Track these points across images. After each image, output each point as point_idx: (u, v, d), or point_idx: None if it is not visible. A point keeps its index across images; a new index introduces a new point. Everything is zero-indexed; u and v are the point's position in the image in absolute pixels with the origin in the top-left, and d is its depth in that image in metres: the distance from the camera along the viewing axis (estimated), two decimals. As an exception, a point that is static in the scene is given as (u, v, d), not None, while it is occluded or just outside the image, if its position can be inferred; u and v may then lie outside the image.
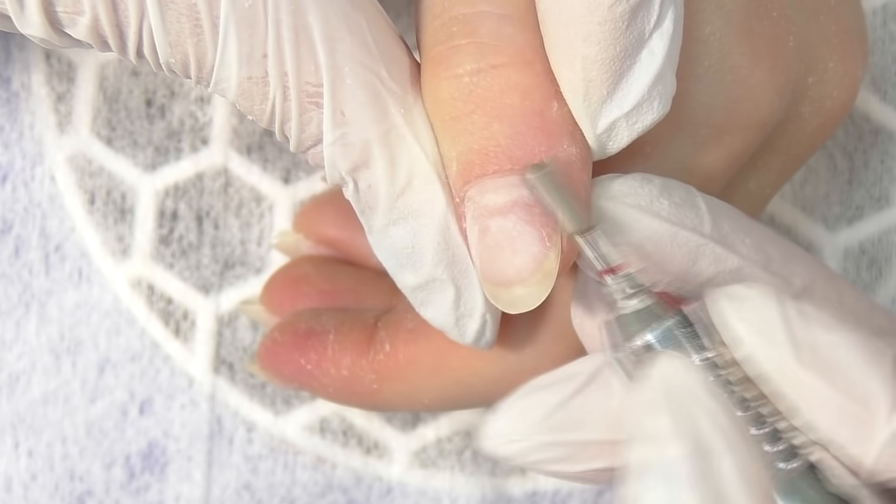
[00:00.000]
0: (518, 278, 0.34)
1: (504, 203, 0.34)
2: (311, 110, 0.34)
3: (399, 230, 0.35)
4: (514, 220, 0.34)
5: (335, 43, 0.34)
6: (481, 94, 0.34)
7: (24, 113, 0.46)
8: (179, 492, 0.46)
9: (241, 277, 0.47)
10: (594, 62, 0.34)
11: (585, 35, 0.33)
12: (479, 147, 0.34)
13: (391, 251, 0.36)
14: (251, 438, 0.47)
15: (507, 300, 0.34)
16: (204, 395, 0.47)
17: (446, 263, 0.35)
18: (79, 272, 0.46)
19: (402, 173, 0.35)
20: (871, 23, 0.48)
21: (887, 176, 0.48)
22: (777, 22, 0.38)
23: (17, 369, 0.46)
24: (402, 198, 0.35)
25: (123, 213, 0.47)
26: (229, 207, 0.47)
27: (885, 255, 0.48)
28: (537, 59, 0.34)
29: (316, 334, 0.42)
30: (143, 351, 0.46)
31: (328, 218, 0.46)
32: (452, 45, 0.34)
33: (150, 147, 0.47)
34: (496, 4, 0.34)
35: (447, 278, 0.35)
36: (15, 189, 0.46)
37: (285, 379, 0.43)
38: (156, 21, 0.33)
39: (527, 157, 0.34)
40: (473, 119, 0.34)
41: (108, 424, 0.46)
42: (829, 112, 0.40)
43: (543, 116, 0.34)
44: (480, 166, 0.34)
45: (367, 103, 0.34)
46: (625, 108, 0.34)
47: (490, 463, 0.47)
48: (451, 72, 0.34)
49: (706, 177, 0.38)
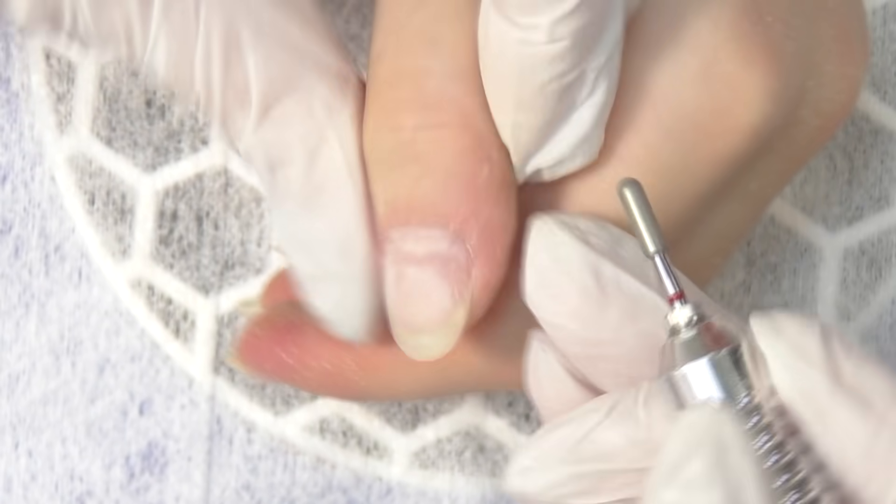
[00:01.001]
0: (426, 327, 0.36)
1: (422, 254, 0.36)
2: (234, 109, 0.36)
3: (304, 222, 0.37)
4: (431, 272, 0.36)
5: (266, 49, 0.35)
6: (419, 149, 0.36)
7: (23, 113, 0.47)
8: (179, 492, 0.46)
9: (240, 278, 0.47)
10: (522, 128, 0.36)
11: (517, 104, 0.35)
12: (408, 196, 0.36)
13: (291, 236, 0.37)
14: (251, 439, 0.47)
15: (412, 345, 0.37)
16: (204, 396, 0.47)
17: (341, 263, 0.37)
18: (78, 272, 0.46)
19: (318, 173, 0.36)
20: (871, 23, 0.48)
21: (887, 176, 0.48)
22: (772, 27, 0.38)
23: (16, 369, 0.46)
24: (313, 196, 0.36)
25: (123, 213, 0.47)
26: (229, 208, 0.47)
27: (885, 256, 0.48)
28: (478, 120, 0.36)
29: (296, 327, 0.42)
30: (142, 351, 0.46)
31: None
32: (398, 98, 0.36)
33: (150, 147, 0.47)
34: (443, 62, 0.36)
35: (336, 278, 0.37)
36: (15, 189, 0.46)
37: (266, 373, 0.43)
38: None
39: (451, 214, 0.36)
40: (407, 170, 0.36)
41: (107, 425, 0.46)
42: (828, 114, 0.40)
43: (473, 179, 0.36)
44: (406, 214, 0.36)
45: (294, 105, 0.36)
46: (548, 162, 0.36)
47: (490, 463, 0.47)
48: (395, 122, 0.36)
49: (700, 180, 0.38)
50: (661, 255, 0.34)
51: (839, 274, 0.48)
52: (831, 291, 0.48)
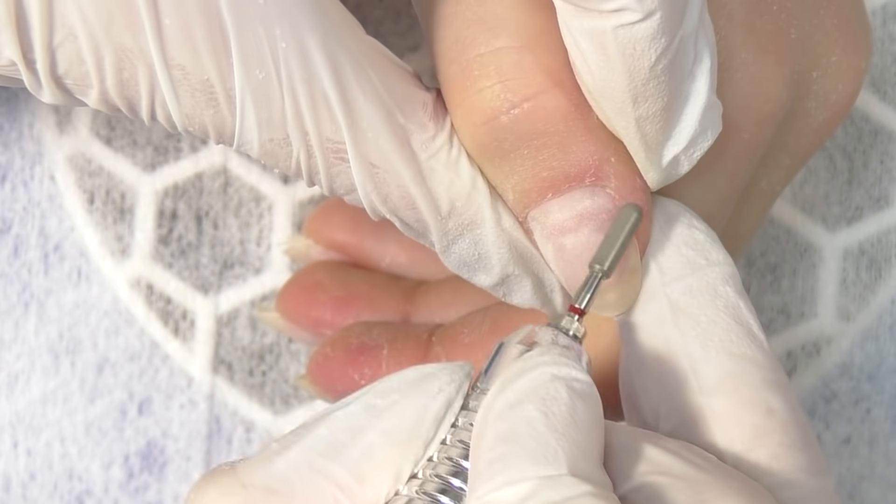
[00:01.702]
0: (606, 284, 0.35)
1: (570, 218, 0.35)
2: (337, 165, 0.35)
3: (458, 246, 0.36)
4: (587, 233, 0.35)
5: (351, 104, 0.34)
6: (523, 130, 0.35)
7: (23, 112, 0.47)
8: (178, 491, 0.46)
9: (240, 277, 0.47)
10: (646, 119, 0.35)
11: (633, 98, 0.34)
12: (534, 177, 0.35)
13: (459, 263, 0.36)
14: (250, 438, 0.47)
15: (601, 307, 0.36)
16: (203, 395, 0.47)
17: (514, 261, 0.36)
18: (78, 272, 0.46)
19: (443, 202, 0.35)
20: (871, 23, 0.48)
21: (887, 176, 0.48)
22: (777, 15, 0.38)
23: (16, 369, 0.46)
24: (450, 221, 0.36)
25: (123, 212, 0.47)
26: (228, 207, 0.47)
27: (885, 256, 0.48)
28: (564, 77, 0.35)
29: (369, 349, 0.43)
30: (141, 350, 0.46)
31: (337, 222, 0.46)
32: (479, 90, 0.35)
33: (150, 147, 0.47)
34: (510, 37, 0.35)
35: (520, 272, 0.36)
36: (14, 188, 0.46)
37: (338, 394, 0.43)
38: (169, 96, 0.33)
39: (581, 170, 0.35)
40: (522, 154, 0.35)
41: (106, 424, 0.46)
42: (835, 105, 0.40)
43: (586, 127, 0.35)
44: (539, 193, 0.35)
45: (392, 151, 0.35)
46: (681, 145, 0.35)
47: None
48: (486, 116, 0.35)
49: (728, 175, 0.38)
50: (599, 274, 0.35)
51: (839, 274, 0.48)
52: (831, 292, 0.48)
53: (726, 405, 0.34)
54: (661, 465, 0.33)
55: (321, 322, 0.45)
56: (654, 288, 0.36)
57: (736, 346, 0.35)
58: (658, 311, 0.35)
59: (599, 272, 0.35)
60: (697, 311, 0.35)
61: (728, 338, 0.35)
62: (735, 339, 0.35)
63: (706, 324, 0.35)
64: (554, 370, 0.33)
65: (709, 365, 0.35)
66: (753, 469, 0.34)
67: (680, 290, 0.35)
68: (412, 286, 0.45)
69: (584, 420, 0.32)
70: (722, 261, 0.36)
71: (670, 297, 0.35)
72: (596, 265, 0.35)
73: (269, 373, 0.47)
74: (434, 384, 0.34)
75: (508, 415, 0.32)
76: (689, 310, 0.35)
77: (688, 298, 0.35)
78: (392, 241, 0.46)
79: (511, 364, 0.34)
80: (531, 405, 0.32)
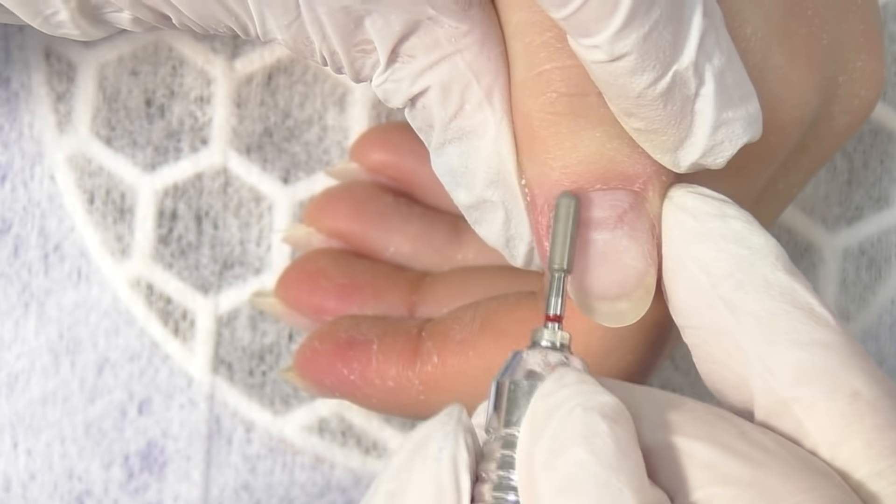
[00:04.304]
0: (623, 293, 0.35)
1: (608, 216, 0.35)
2: (361, 58, 0.35)
3: (453, 149, 0.36)
4: (621, 234, 0.35)
5: (378, 2, 0.34)
6: (603, 113, 0.35)
7: (23, 112, 0.47)
8: (178, 491, 0.46)
9: (240, 277, 0.47)
10: (648, 132, 0.34)
11: (625, 113, 0.34)
12: (591, 161, 0.35)
13: (446, 168, 0.36)
14: (250, 438, 0.47)
15: (607, 313, 0.35)
16: (203, 395, 0.47)
17: (496, 186, 0.36)
18: (78, 272, 0.46)
19: (454, 98, 0.35)
20: (871, 23, 0.48)
21: (887, 176, 0.48)
22: (811, 20, 0.38)
23: (16, 369, 0.46)
24: (455, 120, 0.35)
25: (123, 212, 0.47)
26: (228, 207, 0.47)
27: (885, 256, 0.48)
28: None
29: (358, 344, 0.42)
30: (141, 350, 0.46)
31: (340, 210, 0.46)
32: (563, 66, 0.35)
33: (150, 147, 0.47)
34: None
35: (497, 200, 0.36)
36: (14, 188, 0.46)
37: (325, 388, 0.43)
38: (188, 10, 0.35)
39: (637, 175, 0.35)
40: (594, 135, 0.35)
41: (106, 424, 0.46)
42: (857, 111, 0.40)
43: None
44: (588, 180, 0.35)
45: (419, 41, 0.35)
46: (696, 155, 0.35)
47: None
48: (573, 88, 0.35)
49: (753, 177, 0.38)
50: (562, 274, 0.34)
51: (839, 274, 0.48)
52: (831, 292, 0.48)
53: (809, 401, 0.33)
54: (720, 471, 0.32)
55: (323, 310, 0.44)
56: (705, 292, 0.34)
57: (803, 334, 0.33)
58: (716, 318, 0.34)
59: (561, 272, 0.34)
60: (754, 306, 0.34)
61: (793, 327, 0.34)
62: (800, 326, 0.34)
63: (767, 318, 0.34)
64: (581, 401, 0.32)
65: (781, 362, 0.33)
66: (850, 461, 0.33)
67: (731, 289, 0.34)
68: (418, 277, 0.45)
69: (626, 444, 0.31)
70: (763, 243, 0.35)
71: (724, 297, 0.34)
72: (555, 266, 0.34)
73: (269, 373, 0.47)
74: (433, 445, 0.32)
75: (556, 463, 0.31)
76: (746, 307, 0.34)
77: (741, 295, 0.34)
78: (396, 230, 0.45)
79: (531, 404, 0.32)
80: (577, 448, 0.31)
